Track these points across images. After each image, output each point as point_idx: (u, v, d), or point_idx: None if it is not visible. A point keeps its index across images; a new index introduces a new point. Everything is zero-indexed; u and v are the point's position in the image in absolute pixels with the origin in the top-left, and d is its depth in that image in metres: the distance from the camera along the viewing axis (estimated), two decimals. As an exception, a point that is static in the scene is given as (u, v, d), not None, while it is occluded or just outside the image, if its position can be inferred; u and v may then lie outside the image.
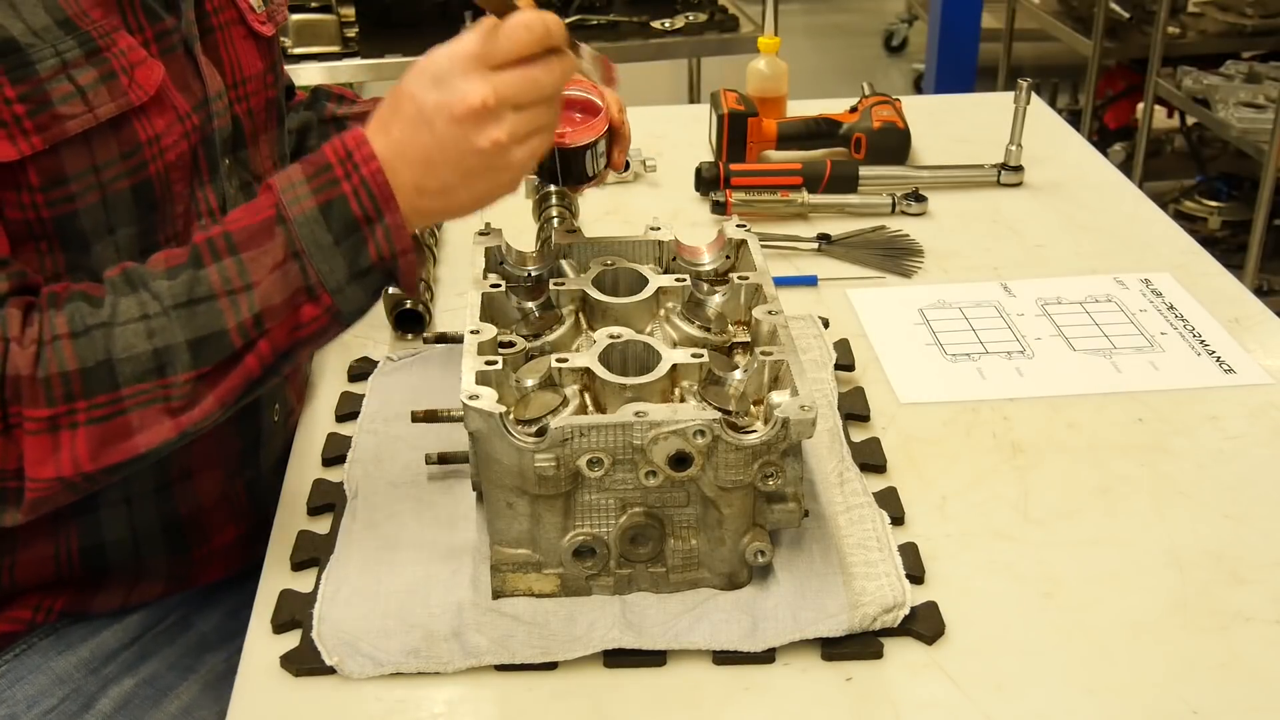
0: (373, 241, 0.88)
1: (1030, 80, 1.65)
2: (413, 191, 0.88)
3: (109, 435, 0.86)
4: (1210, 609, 0.96)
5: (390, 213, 0.88)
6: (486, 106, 0.86)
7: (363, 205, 0.87)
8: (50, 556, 1.04)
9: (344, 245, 0.87)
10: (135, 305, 0.87)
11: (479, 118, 0.86)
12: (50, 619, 1.07)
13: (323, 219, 0.87)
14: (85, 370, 0.85)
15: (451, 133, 0.87)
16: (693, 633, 0.91)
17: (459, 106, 0.86)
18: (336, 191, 0.87)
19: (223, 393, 0.89)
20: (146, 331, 0.86)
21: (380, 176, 0.87)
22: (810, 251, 1.50)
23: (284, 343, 0.89)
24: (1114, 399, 1.22)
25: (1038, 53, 4.58)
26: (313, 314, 0.89)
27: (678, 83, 3.39)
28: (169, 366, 0.86)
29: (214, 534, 1.13)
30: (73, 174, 0.92)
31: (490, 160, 0.88)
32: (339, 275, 0.88)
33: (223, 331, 0.87)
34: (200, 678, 1.10)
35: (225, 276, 0.87)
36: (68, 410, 0.86)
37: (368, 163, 0.88)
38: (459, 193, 0.90)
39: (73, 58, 0.90)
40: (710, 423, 0.88)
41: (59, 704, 1.04)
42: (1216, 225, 3.38)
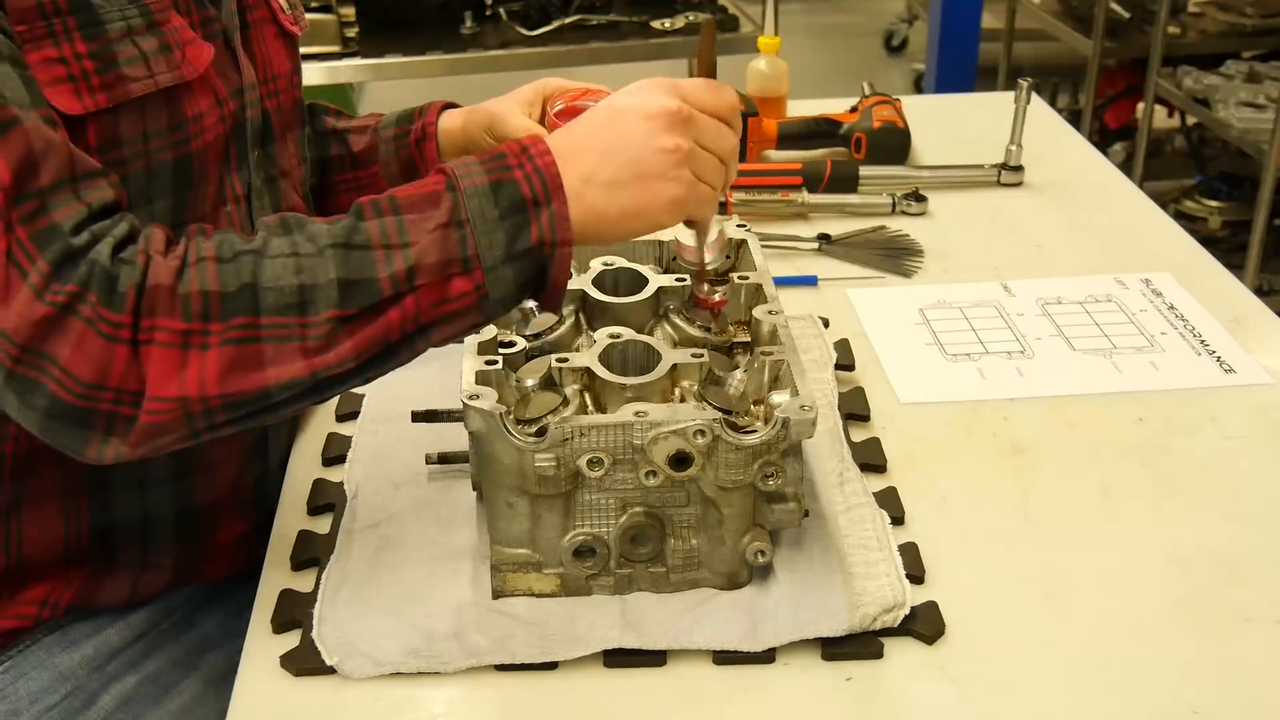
0: (536, 224, 0.88)
1: (1030, 80, 1.65)
2: (581, 181, 0.89)
3: (240, 360, 0.85)
4: (1210, 609, 0.96)
5: (558, 201, 0.88)
6: (680, 113, 0.89)
7: (533, 189, 0.88)
8: (60, 536, 1.04)
9: (508, 222, 0.87)
10: (288, 243, 0.87)
11: (669, 121, 0.89)
12: (56, 614, 1.07)
13: (492, 194, 0.87)
14: (226, 293, 0.84)
15: (639, 126, 0.89)
16: (693, 633, 0.91)
17: (653, 107, 0.90)
18: (508, 175, 0.88)
19: (361, 341, 0.87)
20: (295, 267, 0.85)
21: (553, 168, 0.89)
22: (810, 251, 1.50)
23: (428, 311, 0.87)
24: (1114, 399, 1.22)
25: (1038, 53, 4.58)
26: (462, 289, 0.87)
27: (678, 83, 3.38)
28: (311, 305, 0.85)
29: (222, 527, 1.13)
30: (126, 138, 0.93)
31: (668, 164, 0.89)
32: (497, 252, 0.87)
33: (374, 279, 0.86)
34: (202, 676, 1.10)
35: (385, 231, 0.87)
36: (202, 329, 0.84)
37: (542, 155, 0.89)
38: (625, 191, 0.90)
39: (137, 25, 0.92)
40: (710, 423, 0.88)
41: (61, 700, 1.04)
42: (1216, 225, 3.38)
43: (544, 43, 2.81)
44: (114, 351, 0.83)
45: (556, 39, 2.83)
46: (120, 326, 0.83)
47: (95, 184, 0.87)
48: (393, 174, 1.28)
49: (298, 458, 1.15)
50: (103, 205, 0.86)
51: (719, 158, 0.92)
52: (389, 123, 1.31)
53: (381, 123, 1.32)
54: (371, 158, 1.29)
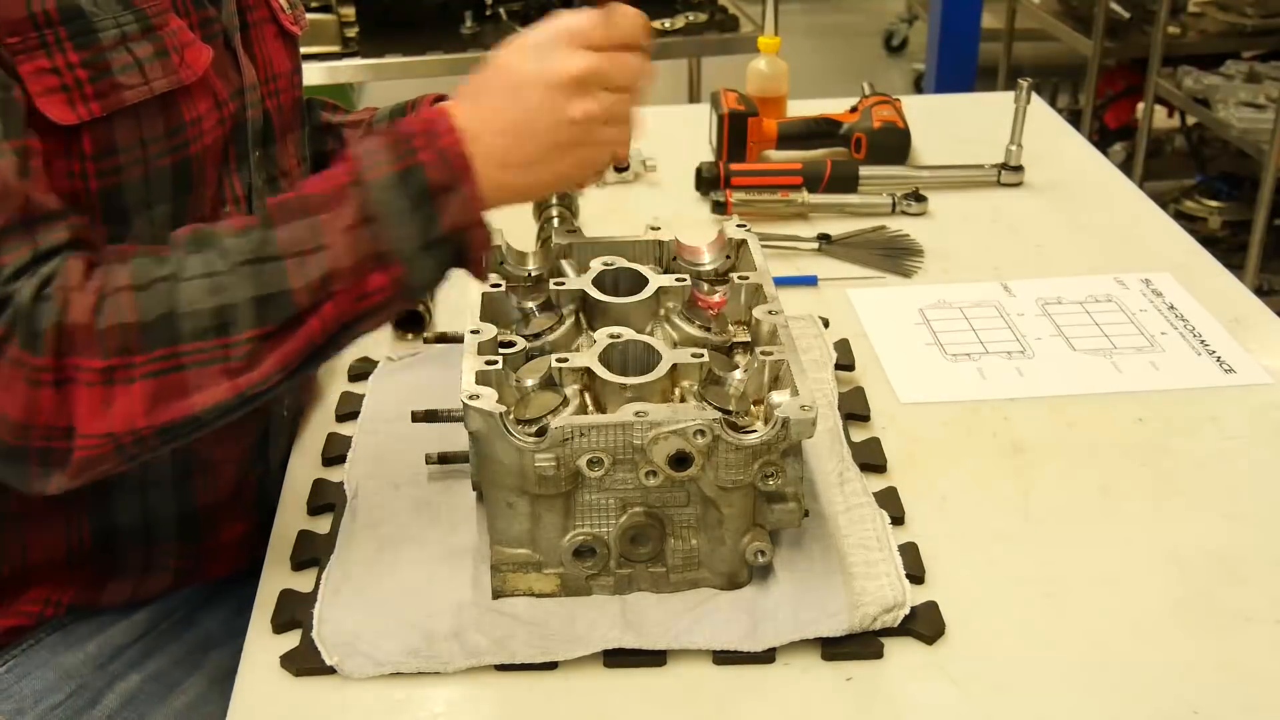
0: (447, 211, 0.87)
1: (1030, 80, 1.65)
2: (496, 165, 0.88)
3: (165, 391, 0.85)
4: (1210, 609, 0.96)
5: (467, 183, 0.87)
6: (584, 78, 0.87)
7: (440, 174, 0.87)
8: (62, 540, 1.05)
9: (418, 212, 0.86)
10: (201, 262, 0.86)
11: (574, 88, 0.87)
12: (59, 613, 1.07)
13: (399, 185, 0.86)
14: (145, 323, 0.84)
15: (546, 100, 0.87)
16: (693, 633, 0.91)
17: (557, 74, 0.87)
18: (414, 160, 0.86)
19: (284, 355, 0.87)
20: (211, 288, 0.85)
21: (458, 148, 0.87)
22: (810, 251, 1.50)
23: (349, 310, 0.87)
24: (1114, 399, 1.22)
25: (1038, 53, 4.57)
26: (380, 283, 0.87)
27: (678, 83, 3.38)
28: (231, 325, 0.85)
29: (224, 528, 1.13)
30: (122, 145, 0.93)
31: (581, 134, 0.88)
32: (411, 243, 0.86)
33: (288, 291, 0.85)
34: (206, 674, 1.10)
35: (295, 237, 0.86)
36: (124, 364, 0.84)
37: (448, 134, 0.87)
38: (542, 168, 0.89)
39: (131, 31, 0.92)
40: (710, 423, 0.88)
41: (66, 699, 1.04)
42: (1216, 225, 3.38)
43: (544, 43, 2.81)
44: (39, 394, 0.83)
45: (556, 39, 2.82)
46: (42, 370, 0.83)
47: (50, 227, 0.86)
48: None
49: (298, 458, 1.15)
50: (51, 248, 0.85)
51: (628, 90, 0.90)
52: (382, 117, 1.30)
53: (375, 117, 1.31)
54: None
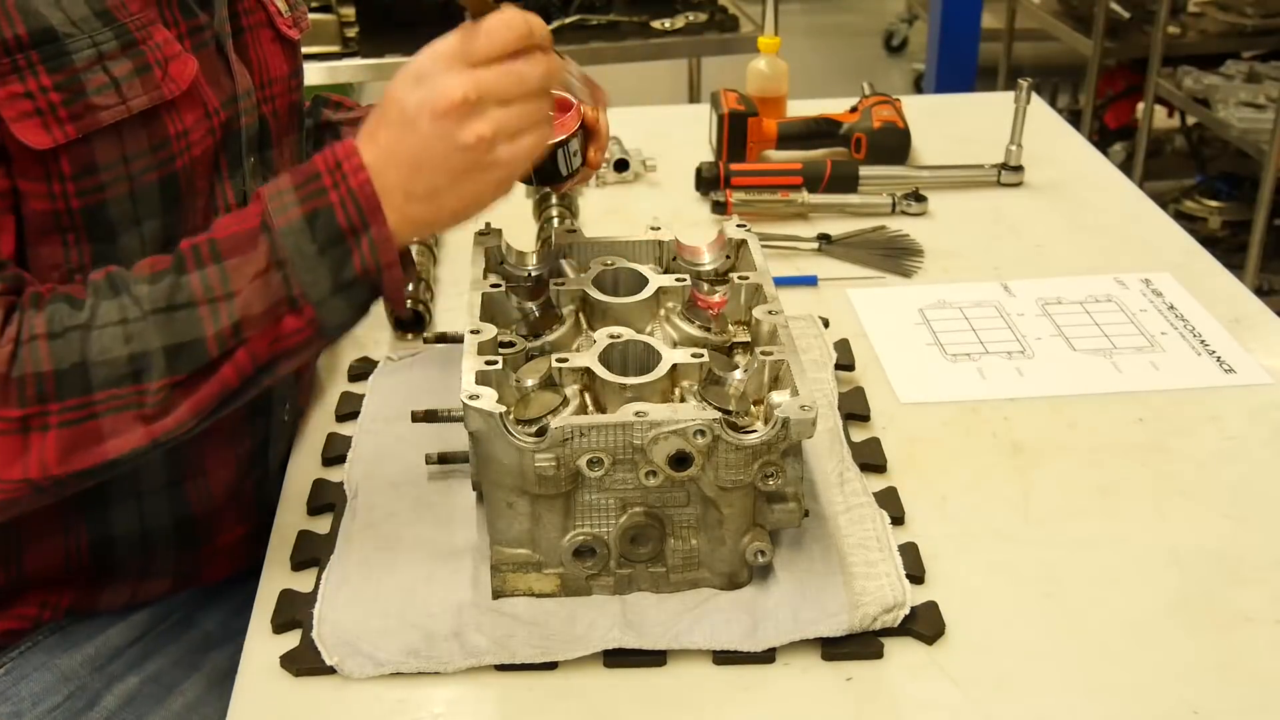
0: (358, 253, 0.86)
1: (1030, 80, 1.65)
2: (401, 198, 0.87)
3: (79, 439, 0.86)
4: (1210, 609, 0.96)
5: (377, 224, 0.86)
6: (468, 100, 0.84)
7: (349, 216, 0.86)
8: (59, 549, 1.05)
9: (328, 256, 0.86)
10: (115, 309, 0.86)
11: (461, 113, 0.85)
12: (57, 616, 1.07)
13: (308, 228, 0.86)
14: (60, 372, 0.85)
15: (435, 130, 0.85)
16: (693, 633, 0.91)
17: (440, 102, 0.85)
18: (324, 201, 0.86)
19: (197, 402, 0.88)
20: (124, 336, 0.86)
21: (369, 187, 0.86)
22: (810, 251, 1.50)
23: (264, 354, 0.88)
24: (1114, 399, 1.22)
25: (1038, 53, 4.57)
26: (295, 326, 0.88)
27: (678, 83, 3.39)
28: (144, 373, 0.86)
29: (222, 532, 1.13)
30: (103, 164, 0.92)
31: (476, 157, 0.86)
32: (322, 287, 0.87)
33: (200, 339, 0.86)
34: (204, 675, 1.10)
35: (207, 284, 0.86)
36: (40, 411, 0.85)
37: (356, 173, 0.86)
38: (447, 196, 0.88)
39: (109, 49, 0.91)
40: (710, 423, 0.88)
41: (64, 701, 1.04)
42: (1216, 225, 3.38)
43: (544, 43, 2.81)
44: None
45: (556, 39, 2.77)
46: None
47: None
48: None
49: (298, 458, 1.15)
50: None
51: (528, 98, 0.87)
52: None
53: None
54: None
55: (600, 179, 1.69)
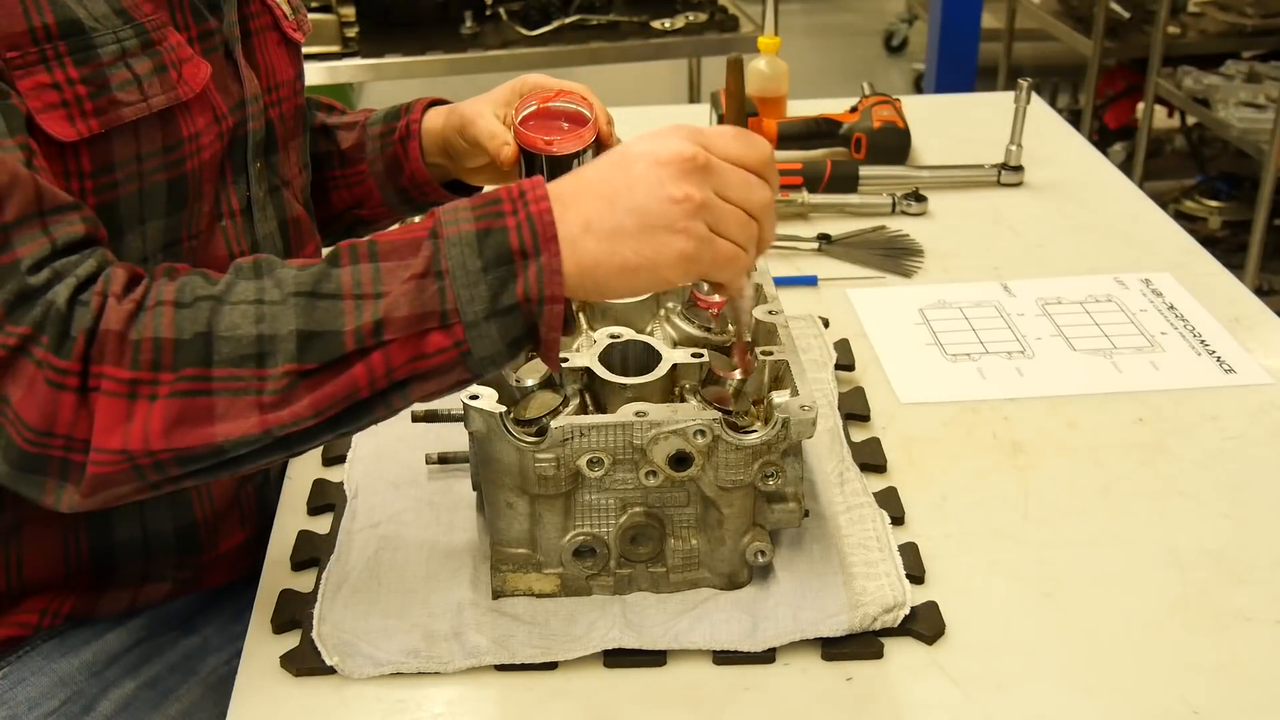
0: (523, 278, 0.80)
1: (1030, 80, 1.65)
2: (579, 227, 0.81)
3: (188, 414, 0.81)
4: (1210, 609, 0.96)
5: (549, 253, 0.80)
6: (695, 160, 0.81)
7: (522, 239, 0.81)
8: (60, 557, 1.04)
9: (491, 275, 0.80)
10: (253, 289, 0.82)
11: (682, 168, 0.81)
12: (57, 622, 1.07)
13: (476, 244, 0.81)
14: (180, 341, 0.81)
15: (648, 171, 0.81)
16: (693, 633, 0.92)
17: (665, 153, 0.82)
18: (499, 223, 0.81)
19: (320, 398, 0.81)
20: (256, 315, 0.81)
21: (548, 216, 0.81)
22: (810, 251, 1.50)
23: (401, 366, 0.81)
24: (1114, 399, 1.22)
25: (1038, 53, 4.57)
26: (440, 344, 0.81)
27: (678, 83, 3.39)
28: (269, 357, 0.81)
29: (223, 538, 1.13)
30: (120, 161, 0.92)
31: (676, 215, 0.81)
32: (478, 307, 0.80)
33: (337, 331, 0.80)
34: (202, 681, 1.10)
35: (357, 279, 0.81)
36: (151, 379, 0.80)
37: (538, 202, 0.82)
38: (627, 242, 0.81)
39: (131, 46, 0.91)
40: (710, 423, 0.88)
41: (60, 706, 1.04)
42: (1216, 225, 3.38)
43: (544, 43, 2.81)
44: (60, 399, 0.80)
45: (556, 39, 2.83)
46: (67, 374, 0.80)
47: (65, 218, 0.84)
48: (378, 172, 1.26)
49: (298, 458, 1.15)
50: (69, 241, 0.83)
51: (747, 212, 0.83)
52: (376, 119, 1.29)
53: (369, 119, 1.30)
54: (359, 155, 1.27)
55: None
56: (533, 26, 2.84)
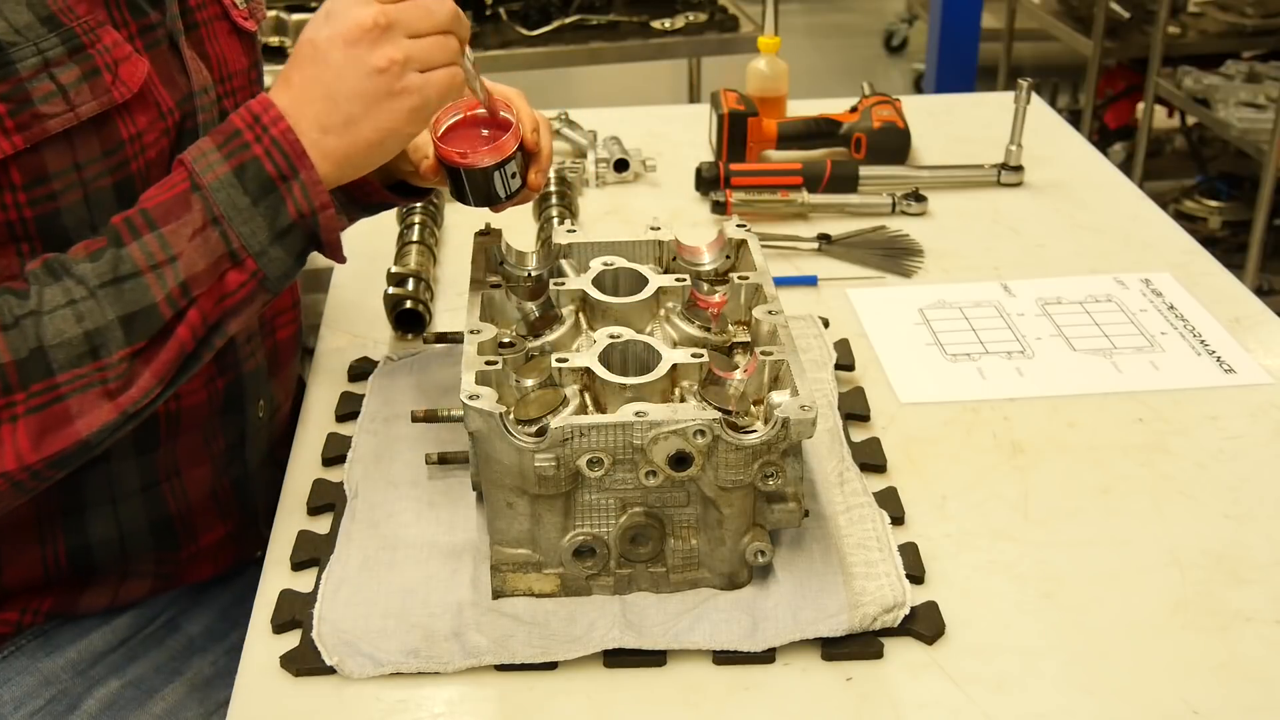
0: (290, 199, 0.89)
1: (1030, 80, 1.65)
2: (318, 132, 0.89)
3: (48, 423, 0.86)
4: (1210, 609, 0.96)
5: (305, 169, 0.88)
6: (377, 24, 0.88)
7: (276, 164, 0.88)
8: (38, 560, 1.04)
9: (262, 205, 0.88)
10: (61, 292, 0.87)
11: (371, 38, 0.88)
12: (37, 620, 1.07)
13: (238, 182, 0.88)
14: (19, 361, 0.85)
15: (346, 56, 0.88)
16: (693, 633, 0.92)
17: (351, 30, 0.88)
18: (249, 154, 0.88)
19: (159, 368, 0.88)
20: (75, 316, 0.86)
21: (291, 134, 0.88)
22: (810, 251, 1.50)
23: (213, 312, 0.89)
24: (1114, 399, 1.22)
25: (1038, 53, 4.58)
26: (239, 280, 0.89)
27: (678, 83, 3.39)
28: (102, 348, 0.87)
29: (202, 532, 1.13)
30: (54, 172, 0.92)
31: (388, 82, 0.88)
32: (261, 237, 0.89)
33: (152, 305, 0.87)
34: (187, 680, 1.10)
35: (147, 251, 0.87)
36: (6, 403, 0.85)
37: (276, 123, 0.89)
38: (363, 125, 0.89)
39: (55, 55, 0.90)
40: (710, 423, 0.88)
41: (45, 705, 1.04)
42: (1216, 225, 3.38)
43: (544, 43, 2.81)
44: None
45: (556, 39, 2.83)
46: None
47: None
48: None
49: (298, 458, 1.15)
50: None
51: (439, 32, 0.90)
52: None
53: None
54: None
55: (600, 179, 1.69)
56: (533, 26, 2.84)
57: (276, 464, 1.17)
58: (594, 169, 1.69)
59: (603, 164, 1.69)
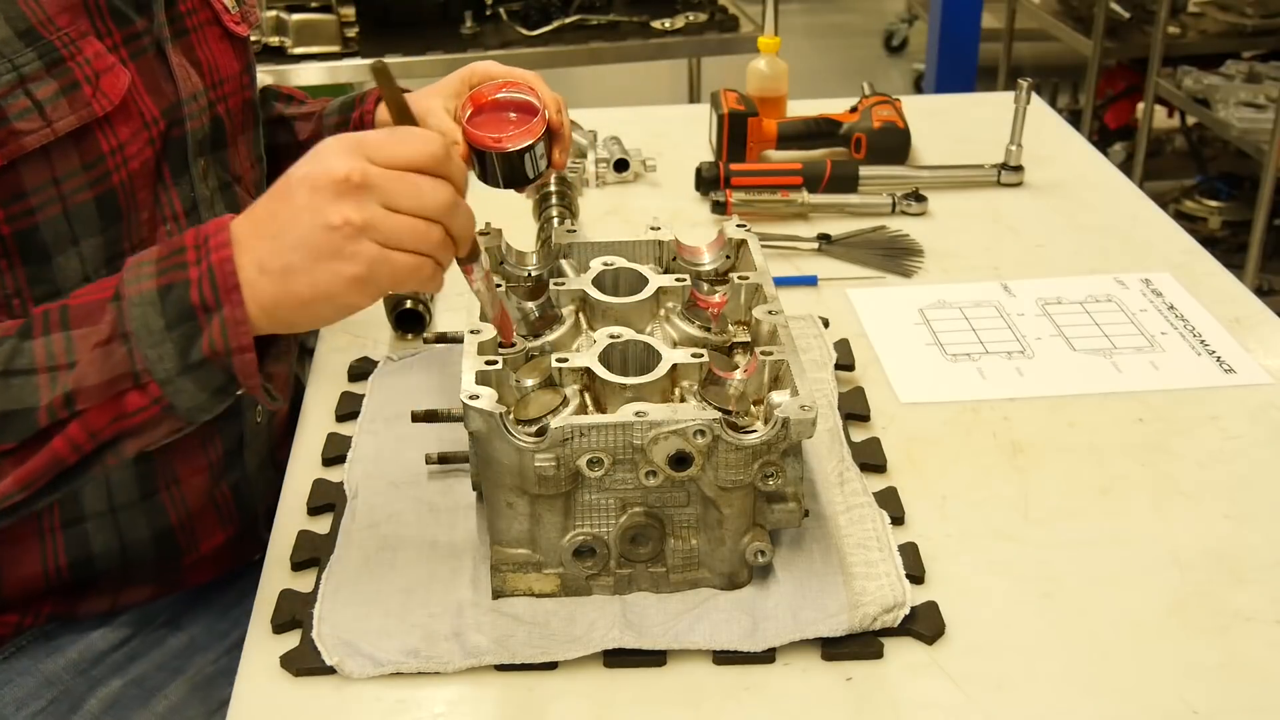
0: (207, 332, 0.80)
1: (1030, 80, 1.65)
2: (255, 271, 0.80)
3: None
4: (1210, 609, 0.96)
5: (230, 305, 0.79)
6: (349, 180, 0.78)
7: (202, 293, 0.80)
8: (38, 571, 1.04)
9: (175, 332, 0.80)
10: None
11: (338, 190, 0.78)
12: (38, 621, 1.07)
13: (158, 302, 0.80)
14: None
15: (307, 202, 0.79)
16: (693, 633, 0.92)
17: (321, 176, 0.79)
18: (181, 276, 0.80)
19: (24, 474, 0.82)
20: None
21: (229, 265, 0.79)
22: (810, 251, 1.50)
23: (105, 430, 0.82)
24: (1114, 399, 1.22)
25: (1038, 53, 4.58)
26: (139, 403, 0.81)
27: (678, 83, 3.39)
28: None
29: (203, 539, 1.13)
30: (31, 188, 0.90)
31: (337, 242, 0.78)
32: (168, 365, 0.80)
33: (31, 409, 0.81)
34: (189, 679, 1.10)
35: (50, 351, 0.81)
36: None
37: (219, 249, 0.80)
38: (299, 277, 0.79)
39: (31, 71, 0.88)
40: (710, 423, 0.88)
41: (48, 705, 1.04)
42: (1216, 225, 3.38)
43: (544, 43, 2.81)
44: None
45: (556, 39, 2.83)
46: None
47: None
48: None
49: (298, 458, 1.15)
50: None
51: (422, 217, 0.79)
52: (332, 110, 1.27)
53: (326, 109, 1.28)
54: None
55: (600, 179, 1.69)
56: (533, 26, 2.84)
57: (275, 467, 1.17)
58: (594, 169, 1.69)
59: (603, 164, 1.69)
